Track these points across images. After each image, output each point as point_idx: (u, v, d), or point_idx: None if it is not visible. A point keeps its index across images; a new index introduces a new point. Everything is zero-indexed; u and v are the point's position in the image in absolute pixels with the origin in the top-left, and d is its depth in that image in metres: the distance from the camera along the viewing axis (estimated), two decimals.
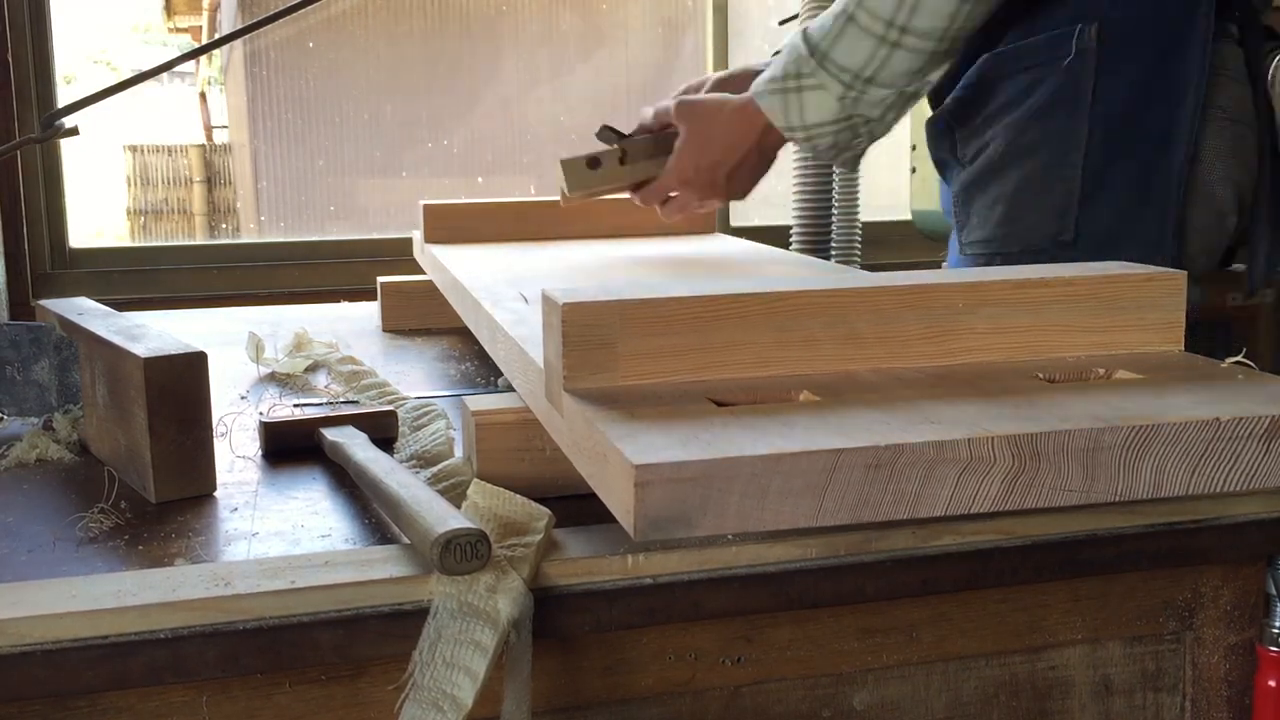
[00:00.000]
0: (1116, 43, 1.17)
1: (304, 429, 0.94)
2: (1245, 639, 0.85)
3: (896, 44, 1.08)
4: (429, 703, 0.64)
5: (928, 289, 0.72)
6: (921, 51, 1.08)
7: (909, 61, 1.09)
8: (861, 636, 0.78)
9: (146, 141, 6.09)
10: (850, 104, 1.11)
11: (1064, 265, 0.80)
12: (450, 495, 0.77)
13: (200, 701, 0.67)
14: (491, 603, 0.66)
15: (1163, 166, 1.19)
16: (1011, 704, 0.82)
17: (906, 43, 1.08)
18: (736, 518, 0.55)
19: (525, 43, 3.02)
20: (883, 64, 1.09)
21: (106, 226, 6.59)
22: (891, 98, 1.12)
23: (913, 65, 1.09)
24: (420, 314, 1.48)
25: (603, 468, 0.59)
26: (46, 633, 0.63)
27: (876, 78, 1.09)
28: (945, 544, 0.75)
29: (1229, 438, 0.60)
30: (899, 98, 1.12)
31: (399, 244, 2.35)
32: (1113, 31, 1.17)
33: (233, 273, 2.40)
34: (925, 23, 1.07)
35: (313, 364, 1.23)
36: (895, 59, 1.08)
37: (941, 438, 0.57)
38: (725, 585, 0.71)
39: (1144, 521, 0.79)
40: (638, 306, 0.67)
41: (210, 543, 0.75)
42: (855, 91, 1.10)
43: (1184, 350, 0.76)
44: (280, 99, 2.97)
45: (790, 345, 0.70)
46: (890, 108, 1.13)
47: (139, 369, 0.82)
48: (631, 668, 0.74)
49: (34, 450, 0.94)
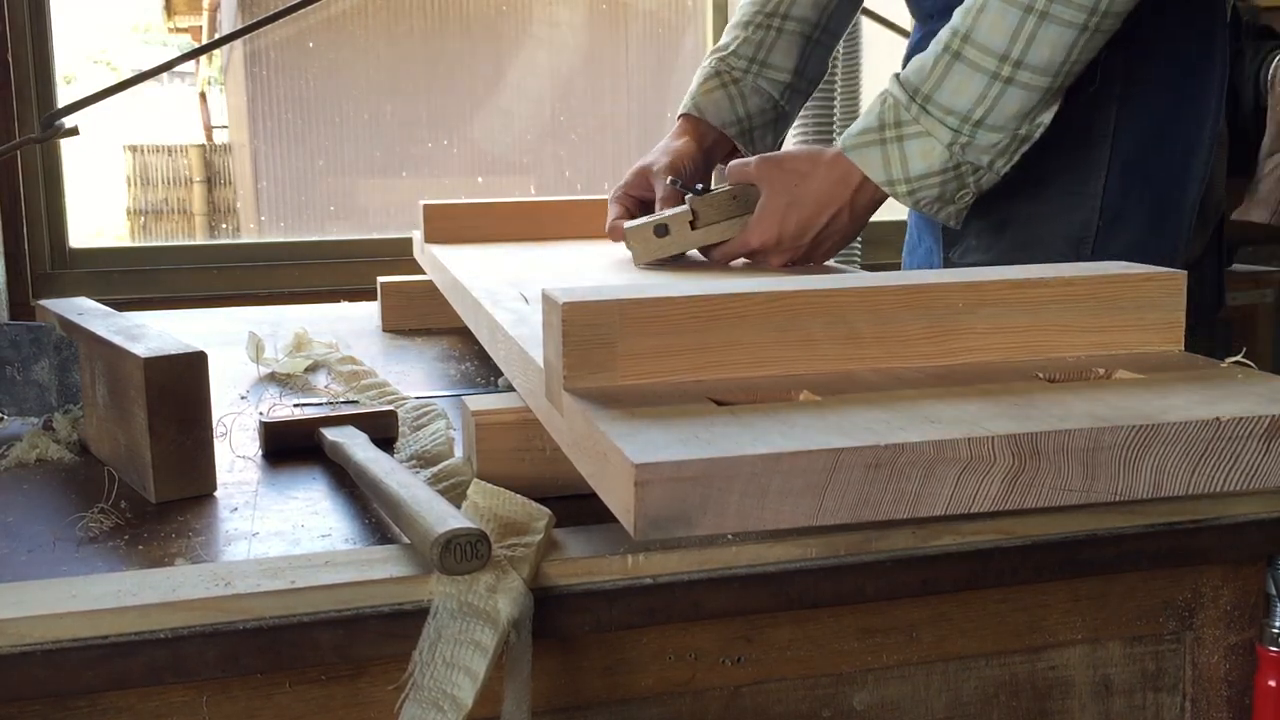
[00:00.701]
0: (1140, 70, 1.13)
1: (304, 429, 0.94)
2: (1245, 639, 0.85)
3: (1010, 80, 1.00)
4: (429, 703, 0.64)
5: (928, 289, 0.72)
6: (1036, 89, 1.00)
7: (1022, 101, 1.01)
8: (861, 636, 0.78)
9: (146, 141, 6.09)
10: (959, 151, 1.03)
11: (1064, 265, 0.80)
12: (450, 495, 0.77)
13: (200, 701, 0.67)
14: (491, 603, 0.66)
15: (1177, 196, 1.16)
16: (1011, 704, 0.82)
17: (1021, 79, 1.00)
18: (736, 517, 0.55)
19: (525, 43, 3.02)
20: (994, 104, 1.01)
21: (106, 226, 6.59)
22: (1004, 141, 1.03)
23: (1026, 105, 1.01)
24: (420, 314, 1.48)
25: (603, 467, 0.59)
26: (46, 633, 0.63)
27: (987, 120, 1.01)
28: (945, 544, 0.75)
29: (1229, 437, 0.60)
30: (1011, 140, 1.03)
31: (399, 244, 2.35)
32: (1137, 60, 1.13)
33: (233, 273, 2.40)
34: (1042, 57, 0.99)
35: (313, 364, 1.23)
36: (1008, 98, 1.00)
37: (941, 437, 0.57)
38: (725, 585, 0.71)
39: (1144, 521, 0.79)
40: (638, 306, 0.67)
41: (210, 543, 0.75)
42: (964, 136, 1.02)
43: (1184, 350, 0.76)
44: (280, 99, 2.97)
45: (790, 345, 0.70)
46: (1001, 153, 1.03)
47: (139, 369, 0.82)
48: (631, 668, 0.74)
49: (34, 450, 0.94)
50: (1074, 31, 0.98)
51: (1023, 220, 1.17)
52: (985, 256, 1.19)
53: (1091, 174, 1.14)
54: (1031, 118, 1.02)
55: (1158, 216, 1.16)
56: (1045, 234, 1.16)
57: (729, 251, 1.18)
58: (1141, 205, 1.15)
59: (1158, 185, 1.15)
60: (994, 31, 1.00)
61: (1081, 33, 0.99)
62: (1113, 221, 1.14)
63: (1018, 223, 1.17)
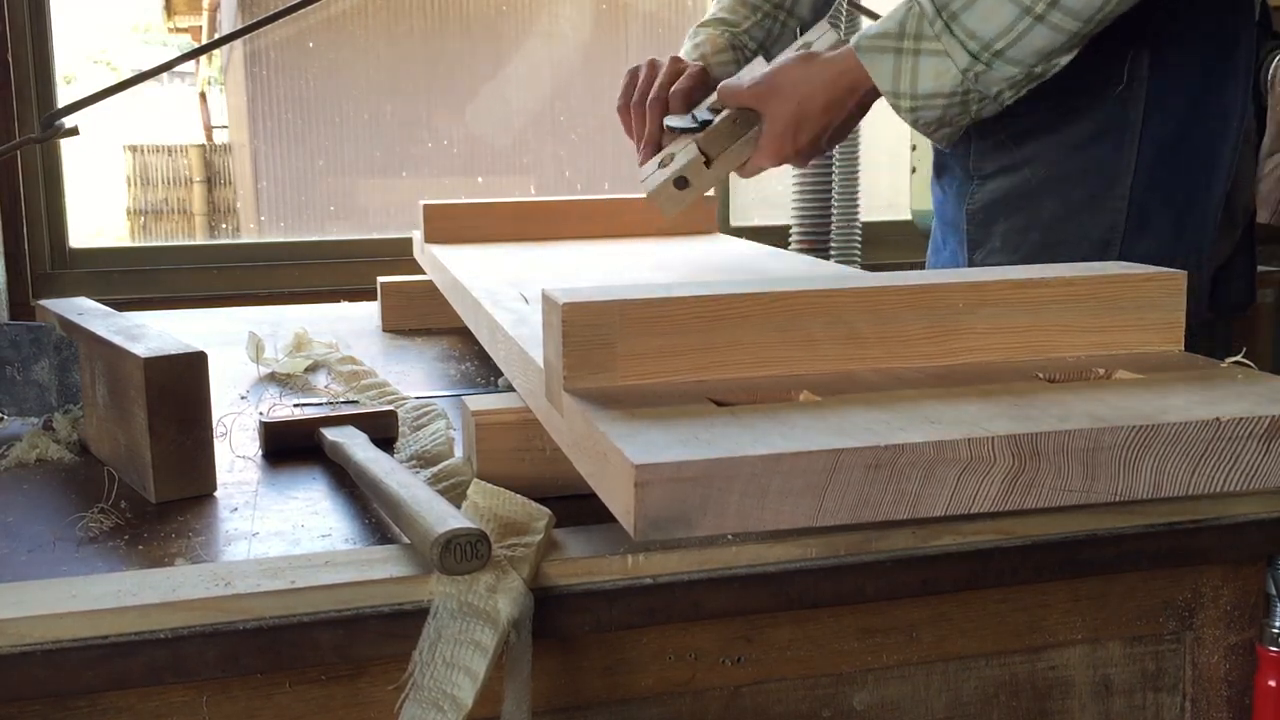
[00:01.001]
0: (1166, 71, 1.12)
1: (304, 429, 0.94)
2: (1245, 639, 0.85)
3: (1041, 17, 0.98)
4: (429, 703, 0.64)
5: (928, 289, 0.72)
6: (1064, 31, 0.98)
7: (1049, 39, 0.99)
8: (861, 636, 0.78)
9: (146, 141, 6.08)
10: (972, 79, 1.01)
11: (1064, 265, 0.80)
12: (450, 495, 0.77)
13: (200, 701, 0.67)
14: (491, 603, 0.66)
15: (1203, 199, 1.16)
16: (1011, 704, 0.82)
17: (1052, 19, 0.98)
18: (736, 517, 0.55)
19: (525, 42, 3.02)
20: (1019, 38, 0.98)
21: (106, 226, 6.59)
22: (1019, 76, 1.01)
23: (1052, 44, 0.99)
24: (420, 314, 1.48)
25: (603, 467, 0.59)
26: (46, 633, 0.63)
27: (1008, 52, 0.99)
28: (945, 544, 0.75)
29: (1229, 438, 0.60)
30: (1026, 77, 1.01)
31: (399, 244, 2.35)
32: (1162, 59, 1.12)
33: (233, 273, 2.40)
34: (1079, 1, 0.97)
35: (313, 364, 1.23)
36: (1035, 34, 0.98)
37: (941, 438, 0.57)
38: (725, 585, 0.71)
39: (1144, 521, 0.79)
40: (638, 306, 0.67)
41: (210, 543, 0.75)
42: (981, 65, 1.00)
43: (1184, 350, 0.76)
44: (280, 99, 2.97)
45: (790, 345, 0.70)
46: (1012, 85, 1.02)
47: (139, 369, 0.82)
48: (631, 668, 0.74)
49: (34, 450, 0.94)
50: None
51: (1048, 223, 1.17)
52: (1011, 258, 1.18)
53: (1118, 176, 1.13)
54: (1050, 57, 1.01)
55: (1183, 217, 1.15)
56: (1071, 236, 1.16)
57: (747, 171, 1.18)
58: (1167, 207, 1.15)
59: (1183, 186, 1.14)
60: None
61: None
62: (1139, 223, 1.14)
63: (1043, 225, 1.17)
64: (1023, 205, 1.16)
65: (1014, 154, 1.18)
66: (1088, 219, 1.15)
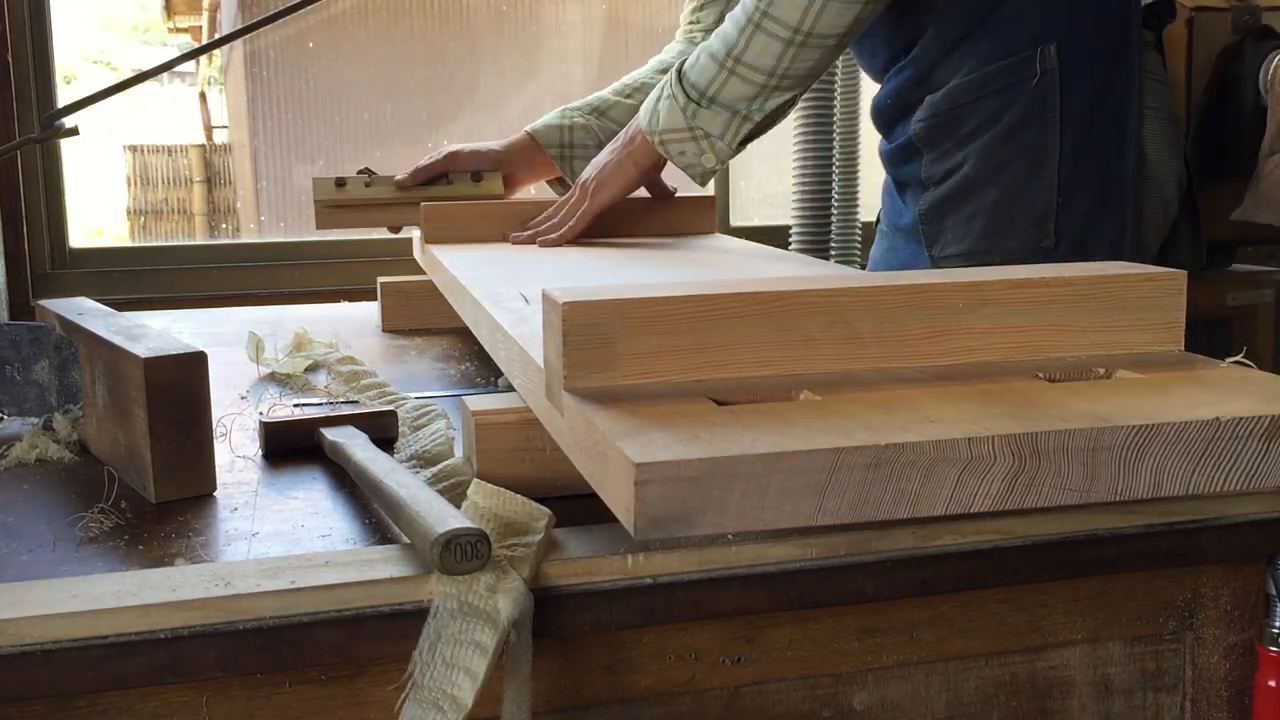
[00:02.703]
0: (1071, 59, 1.30)
1: (304, 429, 0.94)
2: (1245, 639, 0.85)
3: (732, 71, 1.24)
4: (429, 702, 0.64)
5: (927, 289, 0.72)
6: (753, 83, 1.24)
7: (741, 89, 1.25)
8: (861, 636, 0.78)
9: (146, 141, 6.09)
10: (690, 115, 1.27)
11: (1064, 265, 0.80)
12: (450, 495, 0.77)
13: (200, 701, 0.67)
14: (491, 603, 0.66)
15: (1119, 166, 1.35)
16: (1011, 704, 0.82)
17: (740, 71, 1.24)
18: (737, 517, 0.55)
19: (525, 43, 3.02)
20: (721, 87, 1.25)
21: (106, 226, 6.59)
22: (726, 116, 1.26)
23: (746, 93, 1.25)
24: (420, 314, 1.48)
25: (603, 466, 0.59)
26: (46, 633, 0.63)
27: (718, 98, 1.26)
28: (945, 544, 0.75)
29: (1229, 437, 0.60)
30: (733, 117, 1.26)
31: (399, 244, 2.35)
32: (1067, 48, 1.29)
33: (233, 273, 2.40)
34: (754, 57, 1.23)
35: (313, 364, 1.23)
36: (731, 84, 1.25)
37: (941, 437, 0.57)
38: (725, 585, 0.71)
39: (1144, 521, 0.79)
40: (638, 306, 0.67)
41: (210, 543, 0.75)
42: (693, 106, 1.27)
43: (1184, 350, 0.76)
44: (280, 99, 2.97)
45: (790, 345, 0.70)
46: (726, 126, 1.27)
47: (139, 369, 0.82)
48: (631, 668, 0.74)
49: (34, 450, 0.94)
50: (780, 44, 1.21)
51: (990, 208, 1.32)
52: (962, 245, 1.34)
53: (1047, 157, 1.30)
54: (751, 102, 1.26)
55: (1103, 187, 1.33)
56: (1012, 217, 1.32)
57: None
58: (1089, 178, 1.32)
59: (1100, 158, 1.32)
60: (727, 31, 1.25)
61: (788, 46, 1.21)
62: (1068, 197, 1.30)
63: (986, 211, 1.32)
64: (968, 197, 1.33)
65: (955, 156, 1.34)
66: (1024, 200, 1.31)
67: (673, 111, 1.29)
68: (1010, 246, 1.31)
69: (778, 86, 1.25)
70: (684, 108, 1.27)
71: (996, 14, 1.30)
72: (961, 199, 1.34)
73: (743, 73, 1.23)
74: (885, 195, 1.52)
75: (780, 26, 1.21)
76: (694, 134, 1.28)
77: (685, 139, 1.29)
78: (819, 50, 1.22)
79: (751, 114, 1.27)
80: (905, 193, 1.44)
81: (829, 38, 1.21)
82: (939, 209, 1.36)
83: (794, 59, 1.22)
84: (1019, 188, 1.31)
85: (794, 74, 1.24)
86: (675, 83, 1.29)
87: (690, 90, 1.27)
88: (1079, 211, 1.31)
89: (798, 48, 1.21)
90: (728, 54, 1.24)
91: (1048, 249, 1.30)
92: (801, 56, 1.22)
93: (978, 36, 1.31)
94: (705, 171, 1.32)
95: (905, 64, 1.37)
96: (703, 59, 1.27)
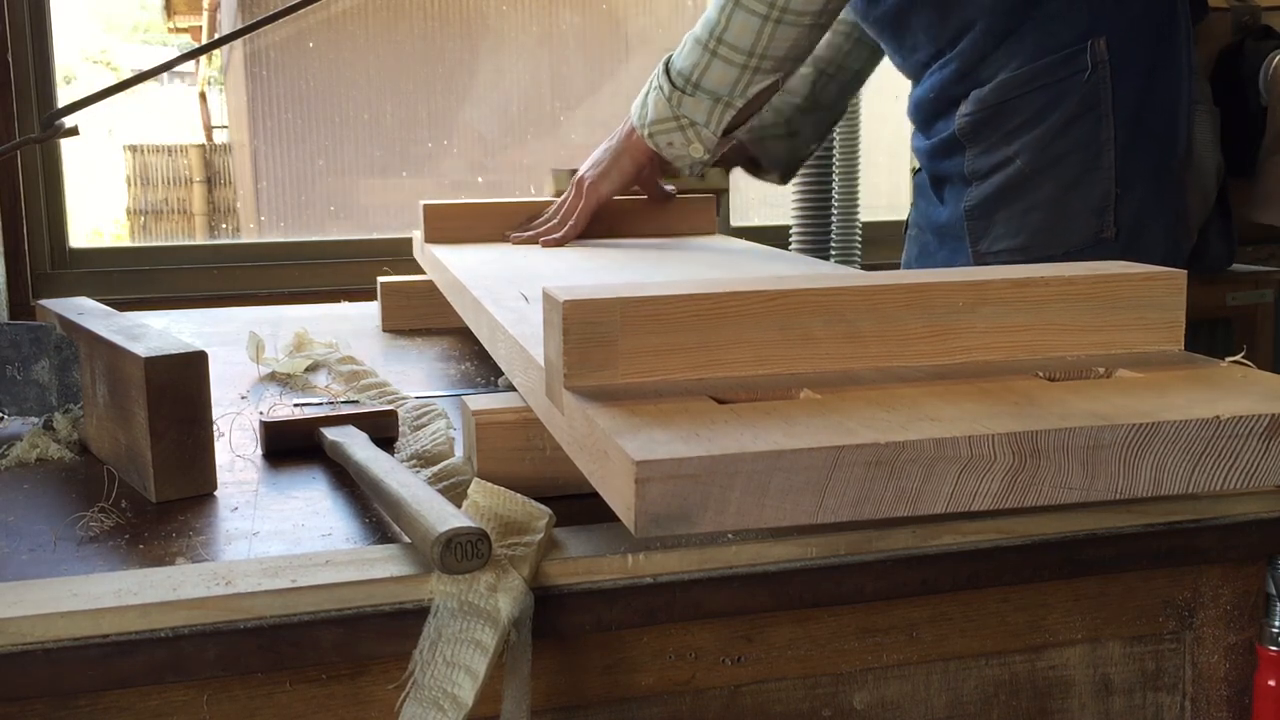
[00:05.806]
0: (1121, 52, 1.30)
1: (304, 429, 0.94)
2: (1245, 639, 0.85)
3: (714, 53, 1.28)
4: (429, 702, 0.64)
5: (928, 288, 0.72)
6: (734, 64, 1.27)
7: (724, 71, 1.28)
8: (861, 636, 0.78)
9: (146, 141, 6.08)
10: (676, 104, 1.31)
11: (1064, 265, 0.80)
12: (450, 494, 0.77)
13: (201, 701, 0.67)
14: (492, 602, 0.66)
15: (1169, 159, 1.34)
16: (1011, 704, 0.82)
17: (721, 53, 1.27)
18: (737, 515, 0.55)
19: (525, 43, 3.02)
20: (704, 71, 1.29)
21: (106, 226, 6.58)
22: (709, 102, 1.30)
23: (728, 76, 1.28)
24: (420, 314, 1.48)
25: (603, 465, 0.59)
26: (47, 632, 0.63)
27: (702, 82, 1.29)
28: (945, 543, 0.75)
29: (1229, 436, 0.60)
30: (716, 103, 1.30)
31: (399, 244, 2.35)
32: (1116, 41, 1.30)
33: (233, 273, 2.40)
34: (735, 37, 1.26)
35: (313, 364, 1.23)
36: (713, 67, 1.28)
37: (942, 435, 0.57)
38: (725, 585, 0.71)
39: (1144, 521, 0.79)
40: (638, 304, 0.67)
41: (211, 542, 0.75)
42: (679, 93, 1.30)
43: (1184, 350, 0.76)
44: (280, 99, 2.97)
45: (791, 343, 0.70)
46: (709, 112, 1.30)
47: (139, 368, 0.82)
48: (631, 667, 0.74)
49: (34, 450, 0.94)
50: (758, 20, 1.24)
51: (1048, 201, 1.32)
52: (1016, 240, 1.34)
53: (1103, 148, 1.30)
54: (733, 88, 1.29)
55: (1158, 174, 1.34)
56: (1072, 209, 1.32)
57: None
58: (1145, 167, 1.32)
59: (1154, 146, 1.33)
60: (710, 13, 1.28)
61: (765, 22, 1.24)
62: (1127, 186, 1.31)
63: (1044, 205, 1.32)
64: (1021, 192, 1.33)
65: (1005, 150, 1.33)
66: (1084, 191, 1.31)
67: (659, 102, 1.32)
68: (1070, 239, 1.31)
69: (758, 68, 1.27)
70: (669, 96, 1.31)
71: (1044, 7, 1.30)
72: (1015, 193, 1.33)
73: (724, 53, 1.27)
74: (917, 197, 1.52)
75: (757, 2, 1.24)
76: (680, 123, 1.31)
77: (672, 129, 1.32)
78: (795, 29, 1.25)
79: (734, 100, 1.30)
80: (944, 189, 1.43)
81: (804, 15, 1.25)
82: (988, 204, 1.35)
83: (771, 36, 1.25)
84: (1077, 180, 1.31)
85: (773, 54, 1.27)
86: (663, 73, 1.32)
87: (676, 78, 1.30)
88: (1135, 202, 1.32)
89: (774, 24, 1.25)
90: (710, 34, 1.27)
91: (1108, 239, 1.31)
92: (779, 34, 1.25)
93: (1026, 30, 1.31)
94: (694, 162, 1.35)
95: (950, 58, 1.37)
96: (688, 44, 1.30)
